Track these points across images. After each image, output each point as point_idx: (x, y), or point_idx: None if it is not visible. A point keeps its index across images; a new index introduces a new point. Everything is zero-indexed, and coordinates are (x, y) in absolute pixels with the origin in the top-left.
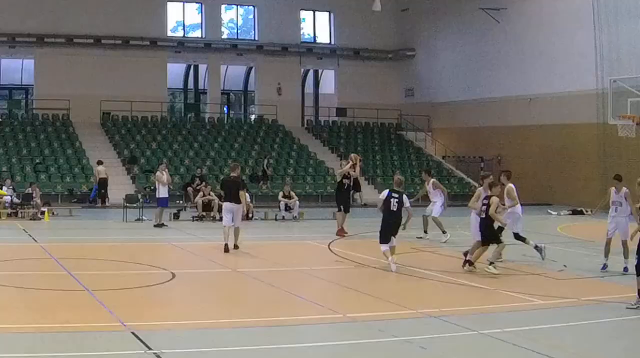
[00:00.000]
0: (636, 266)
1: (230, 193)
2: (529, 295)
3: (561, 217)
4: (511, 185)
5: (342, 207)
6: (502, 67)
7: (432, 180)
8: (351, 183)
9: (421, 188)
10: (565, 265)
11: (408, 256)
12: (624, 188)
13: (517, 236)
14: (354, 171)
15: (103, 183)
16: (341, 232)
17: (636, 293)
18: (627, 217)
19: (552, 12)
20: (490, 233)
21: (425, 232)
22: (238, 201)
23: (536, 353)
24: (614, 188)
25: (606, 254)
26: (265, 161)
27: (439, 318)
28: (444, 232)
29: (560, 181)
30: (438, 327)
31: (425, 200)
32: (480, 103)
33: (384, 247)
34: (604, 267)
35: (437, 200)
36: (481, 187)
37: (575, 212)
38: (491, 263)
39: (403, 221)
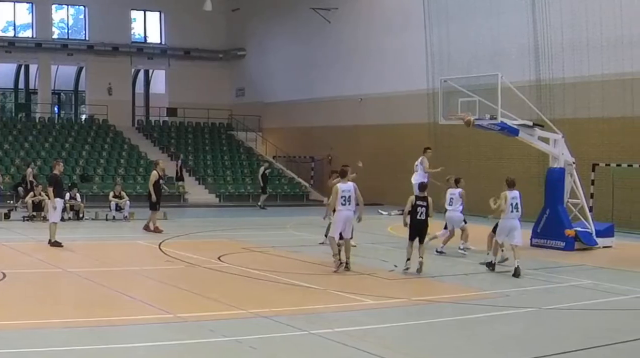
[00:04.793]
0: None
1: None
2: (360, 295)
3: (392, 217)
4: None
5: (158, 206)
6: (334, 67)
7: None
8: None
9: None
10: (395, 266)
11: (239, 256)
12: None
13: None
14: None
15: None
16: (158, 229)
17: None
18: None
19: (383, 12)
20: None
21: (326, 236)
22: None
23: (367, 353)
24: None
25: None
26: (180, 162)
27: (270, 318)
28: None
29: (391, 181)
30: (269, 326)
31: None
32: (311, 103)
33: None
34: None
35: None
36: None
37: None
38: None
39: None
